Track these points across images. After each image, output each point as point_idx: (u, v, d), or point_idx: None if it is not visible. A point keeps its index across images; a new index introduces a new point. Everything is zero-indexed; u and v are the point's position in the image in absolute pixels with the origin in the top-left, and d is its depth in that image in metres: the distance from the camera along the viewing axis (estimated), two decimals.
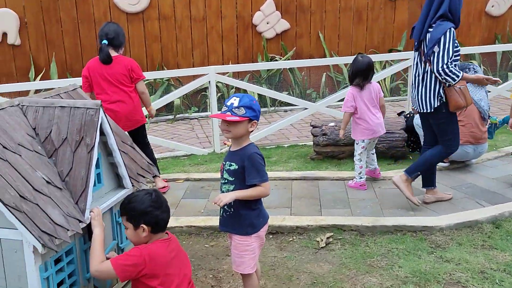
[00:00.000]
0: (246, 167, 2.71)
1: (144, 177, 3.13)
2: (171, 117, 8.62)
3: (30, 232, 2.15)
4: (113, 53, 4.56)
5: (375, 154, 5.05)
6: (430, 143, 4.34)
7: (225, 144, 6.44)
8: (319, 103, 6.93)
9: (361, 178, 4.84)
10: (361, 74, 4.74)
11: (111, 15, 8.60)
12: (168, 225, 3.98)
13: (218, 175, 5.31)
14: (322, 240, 3.89)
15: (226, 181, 2.82)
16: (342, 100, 7.62)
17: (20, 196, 2.23)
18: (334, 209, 4.40)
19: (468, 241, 3.75)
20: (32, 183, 2.34)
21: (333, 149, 5.68)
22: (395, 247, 3.73)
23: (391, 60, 8.58)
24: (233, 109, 2.68)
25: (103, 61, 4.52)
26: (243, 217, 2.80)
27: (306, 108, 6.83)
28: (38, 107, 2.66)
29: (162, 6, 8.78)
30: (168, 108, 8.62)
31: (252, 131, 2.76)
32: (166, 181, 5.10)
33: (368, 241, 3.86)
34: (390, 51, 9.53)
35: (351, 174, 5.12)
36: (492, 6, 9.98)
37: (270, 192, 2.81)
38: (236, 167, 2.74)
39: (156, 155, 6.30)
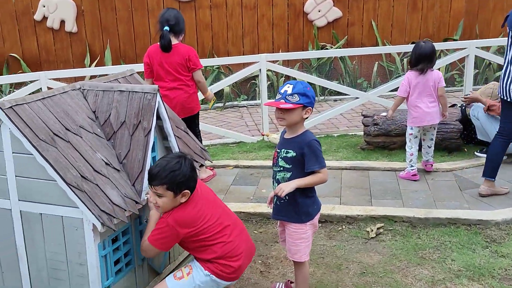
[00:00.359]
0: (306, 154, 2.68)
1: (197, 161, 3.18)
2: (220, 104, 8.69)
3: (90, 211, 2.23)
4: (173, 41, 4.53)
5: (432, 147, 4.90)
6: (508, 135, 4.17)
7: (262, 135, 6.44)
8: (371, 93, 6.81)
9: (412, 167, 4.75)
10: (425, 59, 4.66)
11: (164, 3, 8.72)
12: None
13: (268, 163, 5.35)
14: (372, 230, 3.85)
15: (281, 168, 2.79)
16: (394, 90, 7.50)
17: (81, 176, 2.31)
18: (384, 200, 4.34)
19: None
20: (92, 164, 2.42)
21: (384, 140, 5.59)
22: (448, 240, 3.65)
23: (446, 50, 8.32)
24: (286, 97, 2.67)
25: (164, 49, 4.51)
26: (299, 205, 2.78)
27: (357, 98, 6.73)
28: (98, 91, 2.75)
29: None
30: (218, 95, 8.67)
31: (306, 118, 2.74)
32: (211, 169, 5.14)
33: (420, 233, 3.79)
34: (446, 40, 9.23)
35: (402, 165, 5.03)
36: None
37: (328, 178, 2.78)
38: (294, 154, 2.71)
39: (206, 142, 6.40)
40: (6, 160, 2.34)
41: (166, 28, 4.49)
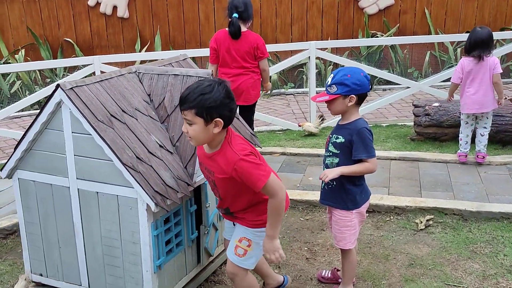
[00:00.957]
0: (354, 141, 2.67)
1: None
2: (267, 92, 8.69)
3: (145, 191, 2.28)
4: (242, 28, 4.51)
5: (484, 136, 4.78)
6: None
7: (299, 125, 6.42)
8: (423, 82, 6.66)
9: (462, 150, 4.79)
10: (481, 44, 4.53)
11: None
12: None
13: (315, 151, 5.34)
14: (421, 222, 3.78)
15: (331, 153, 2.79)
16: (446, 80, 7.30)
17: (137, 157, 2.37)
18: (435, 192, 4.25)
19: None
20: (147, 146, 2.48)
21: (436, 131, 5.46)
22: (500, 235, 3.55)
23: (502, 40, 8.02)
24: (327, 88, 2.69)
25: (233, 36, 4.49)
26: (346, 192, 2.77)
27: (409, 87, 6.59)
28: (153, 74, 2.80)
29: None
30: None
31: (351, 104, 2.67)
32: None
33: (471, 226, 3.69)
34: (502, 30, 8.90)
35: (454, 156, 4.91)
36: None
37: (376, 169, 2.75)
38: (343, 140, 2.71)
39: (256, 129, 6.42)
40: (65, 139, 2.42)
41: (235, 15, 4.46)
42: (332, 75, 2.71)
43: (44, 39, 8.80)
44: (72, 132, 2.39)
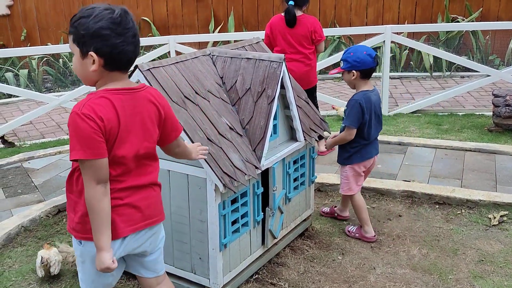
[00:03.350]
0: (346, 110, 3.26)
1: (316, 132, 3.20)
2: (338, 75, 8.57)
3: (214, 172, 2.34)
4: (297, 13, 4.48)
5: None
6: None
7: (333, 108, 6.30)
8: (505, 71, 6.32)
9: None
10: None
11: None
12: (331, 182, 4.10)
13: (385, 138, 5.23)
14: (495, 217, 3.64)
15: (343, 119, 3.35)
16: None
17: (207, 138, 2.43)
18: (511, 187, 4.06)
19: None
20: (218, 128, 2.53)
21: None
22: None
23: None
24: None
25: (288, 23, 4.47)
26: (342, 150, 3.40)
27: (489, 75, 6.28)
28: (226, 57, 2.84)
29: None
30: (337, 66, 8.56)
31: (355, 78, 3.22)
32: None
33: None
34: None
35: None
36: None
37: (351, 137, 3.27)
38: (346, 108, 3.29)
39: (322, 112, 6.37)
40: None
41: (291, 2, 4.42)
42: (344, 52, 3.31)
43: None
44: None
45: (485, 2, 8.54)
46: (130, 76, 2.43)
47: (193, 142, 2.35)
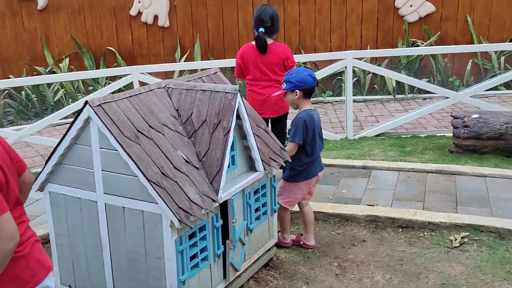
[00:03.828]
0: (291, 128, 3.45)
1: (275, 161, 3.20)
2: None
3: (169, 207, 2.31)
4: (268, 40, 4.47)
5: None
6: None
7: None
8: (463, 92, 6.49)
9: None
10: None
11: None
12: (297, 210, 4.10)
13: (350, 162, 5.27)
14: (456, 239, 3.68)
15: (288, 138, 3.52)
16: (489, 90, 7.09)
17: (162, 173, 2.40)
18: (471, 208, 4.13)
19: None
20: (173, 161, 2.51)
21: (475, 143, 5.30)
22: None
23: None
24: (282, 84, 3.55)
25: (260, 50, 4.46)
26: (290, 168, 3.56)
27: (448, 97, 6.43)
28: (182, 89, 2.84)
29: None
30: None
31: (298, 98, 3.45)
32: None
33: (508, 245, 3.56)
34: None
35: (494, 170, 4.76)
36: None
37: (293, 153, 3.44)
38: (290, 127, 3.47)
39: None
40: (93, 154, 2.48)
41: (261, 29, 4.42)
42: (286, 74, 3.55)
43: (87, 48, 9.05)
44: (100, 148, 2.45)
45: (442, 26, 8.80)
46: (80, 111, 2.40)
47: (146, 178, 2.32)
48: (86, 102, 2.35)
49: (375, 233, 3.88)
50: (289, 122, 4.36)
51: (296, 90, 3.43)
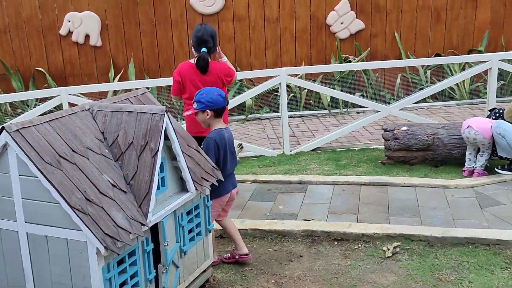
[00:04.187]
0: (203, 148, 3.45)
1: (207, 181, 3.17)
2: (243, 117, 8.70)
3: (94, 235, 2.24)
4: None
5: (479, 155, 5.16)
6: None
7: None
8: (392, 106, 6.72)
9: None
10: None
11: (187, 16, 8.81)
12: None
13: (286, 178, 5.32)
14: (388, 249, 3.77)
15: None
16: (418, 102, 7.39)
17: (86, 198, 2.32)
18: (402, 217, 4.25)
19: None
20: (98, 186, 2.43)
21: (405, 154, 5.49)
22: (466, 261, 3.55)
23: (471, 62, 8.15)
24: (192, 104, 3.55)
25: (202, 71, 4.42)
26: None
27: (379, 111, 6.64)
28: (107, 111, 2.77)
29: (237, 7, 8.87)
30: (240, 108, 8.70)
31: (209, 117, 3.48)
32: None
33: (437, 252, 3.69)
34: (470, 52, 9.07)
35: (422, 180, 4.94)
36: None
37: None
38: (202, 147, 3.46)
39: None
40: (13, 182, 2.37)
41: (204, 49, 4.38)
42: (196, 93, 3.55)
43: (15, 69, 8.73)
44: (19, 175, 2.35)
45: (372, 42, 9.12)
46: None
47: (69, 205, 2.24)
48: (3, 128, 2.25)
49: (312, 248, 3.92)
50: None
51: (207, 110, 3.46)
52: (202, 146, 3.48)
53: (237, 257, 3.74)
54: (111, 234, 2.30)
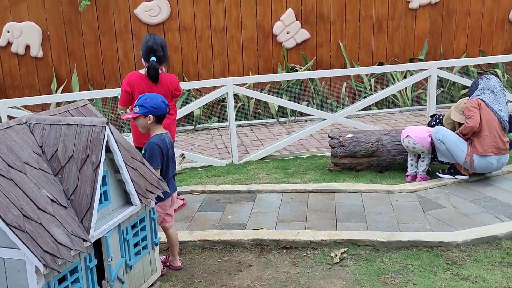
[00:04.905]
0: (145, 153, 3.45)
1: (153, 193, 3.13)
2: (191, 127, 8.64)
3: (32, 252, 2.16)
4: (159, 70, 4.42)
5: (421, 160, 5.33)
6: None
7: None
8: (338, 114, 6.85)
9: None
10: None
11: (132, 26, 8.69)
12: (181, 239, 4.03)
13: (235, 187, 5.31)
14: (336, 255, 3.82)
15: None
16: (362, 110, 7.58)
17: (23, 215, 2.24)
18: (349, 223, 4.32)
19: (486, 257, 3.63)
20: (36, 202, 2.35)
21: (351, 161, 5.60)
22: (410, 264, 3.64)
23: (412, 70, 8.44)
24: (134, 108, 3.53)
25: (153, 80, 4.38)
26: None
27: (325, 119, 6.75)
28: (45, 124, 2.68)
29: (183, 17, 8.83)
30: (189, 118, 8.65)
31: (151, 123, 3.49)
32: (182, 199, 5.03)
33: (383, 256, 3.77)
34: (411, 60, 9.39)
35: (368, 186, 5.04)
36: None
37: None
38: (144, 152, 3.48)
39: None
40: None
41: (153, 58, 4.34)
42: (138, 98, 3.54)
43: None
44: None
45: (318, 51, 9.29)
46: None
47: (5, 222, 2.14)
48: None
49: (261, 257, 3.92)
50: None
51: (150, 115, 3.49)
52: (143, 152, 3.48)
53: (168, 263, 3.79)
54: (50, 251, 2.22)
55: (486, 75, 5.18)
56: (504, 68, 9.45)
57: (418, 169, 5.27)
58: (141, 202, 2.98)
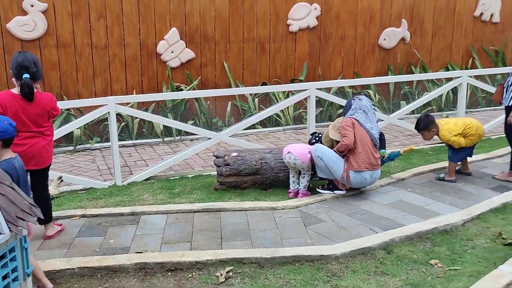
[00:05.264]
0: None
1: (24, 220, 2.91)
2: (70, 148, 8.23)
3: None
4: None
5: (301, 177, 5.54)
6: None
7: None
8: (223, 133, 6.92)
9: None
10: None
11: (4, 42, 8.13)
12: (58, 268, 3.80)
13: (118, 210, 5.13)
14: (221, 275, 3.81)
15: None
16: (247, 129, 7.73)
17: None
18: (235, 242, 4.35)
19: (362, 268, 3.84)
20: None
21: (236, 179, 5.67)
22: (293, 278, 3.74)
23: (294, 90, 8.81)
24: None
25: (28, 98, 4.13)
26: None
27: (210, 138, 6.79)
28: None
29: (61, 33, 8.44)
30: (68, 138, 8.23)
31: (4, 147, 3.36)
32: (60, 224, 4.75)
33: (267, 273, 3.83)
34: (292, 81, 9.80)
35: (253, 204, 5.13)
36: (384, 40, 10.61)
37: None
38: None
39: (52, 191, 5.95)
40: None
41: (26, 75, 4.09)
42: None
43: None
44: None
45: (203, 71, 9.36)
46: None
47: None
48: None
49: (145, 281, 3.81)
50: None
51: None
52: None
53: None
54: None
55: (358, 96, 5.56)
56: (376, 89, 10.20)
57: (299, 185, 5.46)
58: (10, 230, 2.76)
